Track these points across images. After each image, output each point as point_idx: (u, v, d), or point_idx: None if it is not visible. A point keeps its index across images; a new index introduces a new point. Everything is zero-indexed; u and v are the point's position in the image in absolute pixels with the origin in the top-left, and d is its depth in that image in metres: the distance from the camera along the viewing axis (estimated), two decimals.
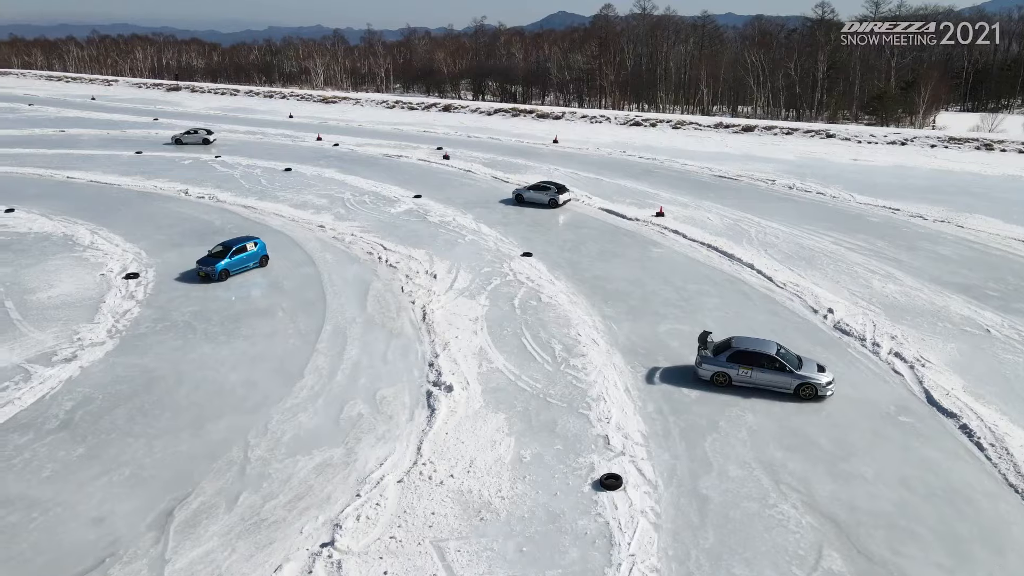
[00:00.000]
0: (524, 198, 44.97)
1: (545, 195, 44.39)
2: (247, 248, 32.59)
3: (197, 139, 68.18)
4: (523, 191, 45.40)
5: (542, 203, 44.27)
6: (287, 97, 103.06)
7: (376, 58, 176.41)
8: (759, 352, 22.08)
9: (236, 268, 31.95)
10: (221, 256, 31.72)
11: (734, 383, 22.11)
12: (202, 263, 31.53)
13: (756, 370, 21.84)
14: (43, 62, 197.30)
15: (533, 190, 45.04)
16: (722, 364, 22.15)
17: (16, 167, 55.01)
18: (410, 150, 64.12)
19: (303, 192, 47.99)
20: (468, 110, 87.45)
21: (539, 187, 45.15)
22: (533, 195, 44.73)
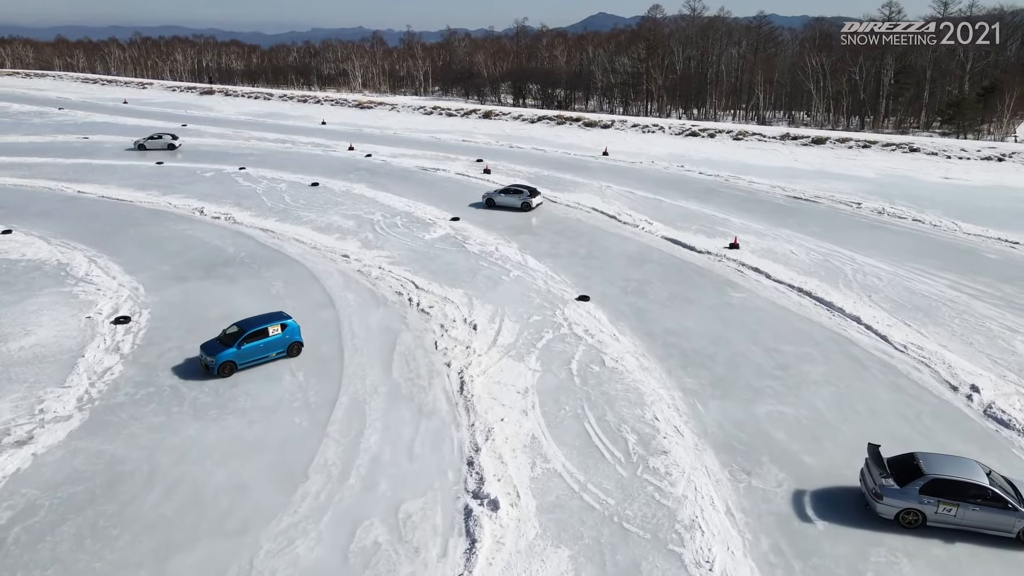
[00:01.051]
0: (495, 202, 44.05)
1: (518, 199, 43.59)
2: (268, 332, 23.86)
3: (162, 144, 64.58)
4: (494, 195, 44.41)
5: (515, 207, 43.44)
6: (321, 102, 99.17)
7: (415, 60, 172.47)
8: (966, 482, 15.93)
9: (248, 359, 23.39)
10: (233, 340, 23.53)
11: (929, 524, 16.12)
12: (206, 349, 23.50)
13: (963, 506, 15.78)
14: (85, 64, 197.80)
15: (504, 193, 44.23)
16: (914, 498, 15.99)
17: (28, 179, 51.42)
18: (448, 162, 59.16)
19: (329, 212, 43.27)
20: (510, 117, 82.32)
21: (511, 190, 44.32)
22: (504, 199, 43.97)
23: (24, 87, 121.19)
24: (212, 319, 27.22)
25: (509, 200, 43.86)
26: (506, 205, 43.84)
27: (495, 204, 44.14)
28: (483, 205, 44.41)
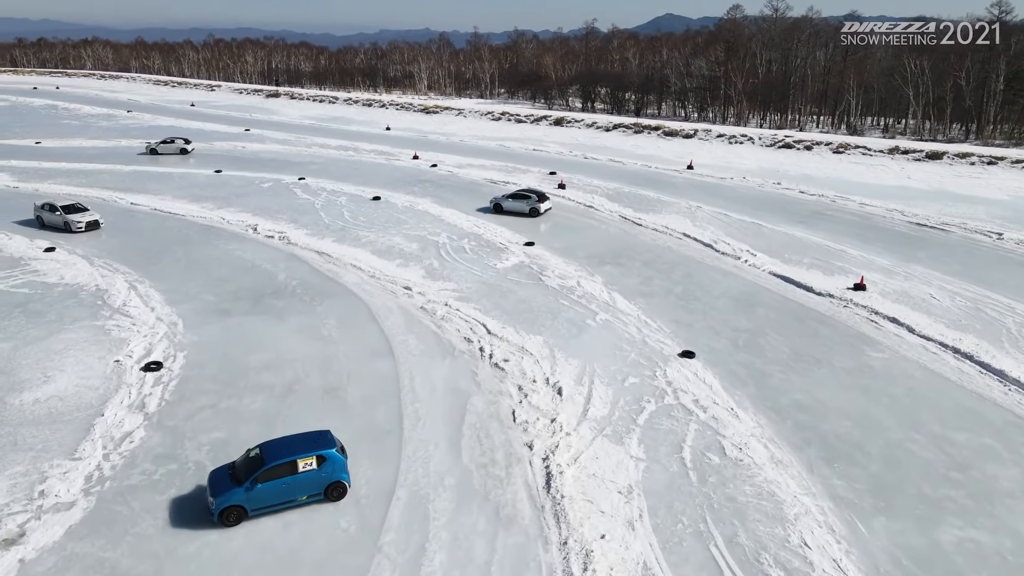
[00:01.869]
0: (503, 208, 42.95)
1: (526, 204, 42.55)
2: (297, 467, 16.46)
3: (174, 149, 62.44)
4: (501, 200, 43.37)
5: (522, 212, 42.36)
6: (386, 106, 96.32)
7: (481, 62, 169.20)
8: None
9: (265, 505, 16.41)
10: (250, 471, 16.45)
11: None
12: (213, 483, 16.65)
13: None
14: (160, 65, 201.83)
15: (512, 199, 43.12)
16: None
17: (85, 187, 49.36)
18: (518, 174, 54.80)
19: (391, 231, 39.43)
20: (582, 125, 77.47)
21: (519, 195, 43.26)
22: (512, 204, 42.82)
23: (98, 88, 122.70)
24: (253, 368, 23.48)
25: (517, 205, 42.71)
26: (514, 211, 42.68)
27: (503, 209, 42.94)
28: (491, 210, 43.57)
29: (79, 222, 38.48)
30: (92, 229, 38.90)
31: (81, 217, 38.83)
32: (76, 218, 38.67)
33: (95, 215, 39.57)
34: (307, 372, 23.44)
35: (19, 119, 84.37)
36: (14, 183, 50.30)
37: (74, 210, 39.42)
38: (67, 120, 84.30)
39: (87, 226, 38.61)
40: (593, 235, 39.18)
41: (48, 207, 39.64)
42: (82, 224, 38.49)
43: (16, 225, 40.30)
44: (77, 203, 40.56)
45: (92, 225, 38.99)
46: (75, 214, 38.96)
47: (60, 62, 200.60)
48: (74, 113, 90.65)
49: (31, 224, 40.31)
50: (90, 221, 38.94)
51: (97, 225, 39.16)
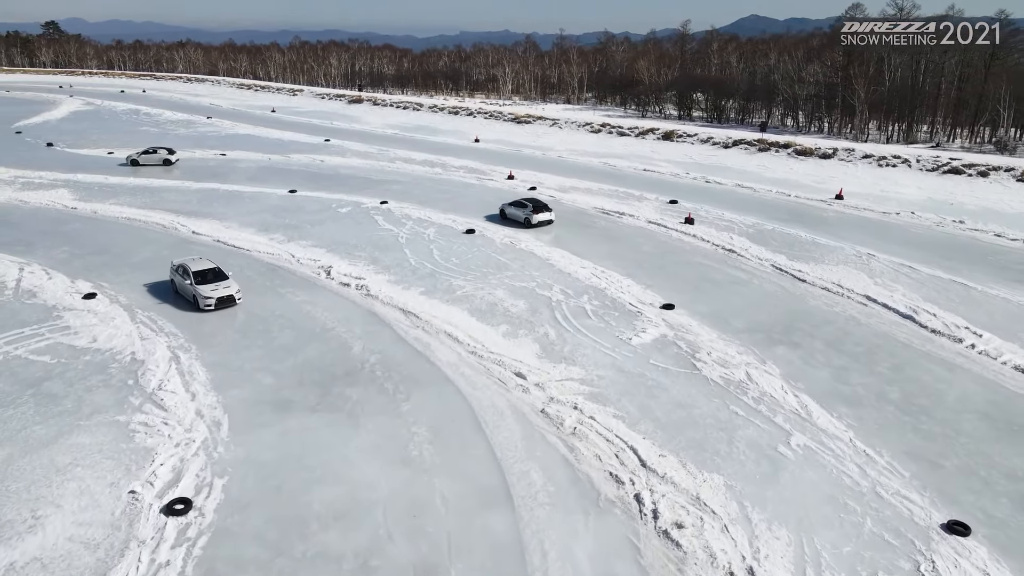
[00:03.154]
0: (507, 214, 42.62)
1: (521, 212, 41.69)
2: None
3: (156, 160, 57.48)
4: (506, 206, 42.98)
5: (518, 220, 41.68)
6: (474, 115, 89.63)
7: (569, 66, 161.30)
8: None
9: None
10: None
11: None
12: None
13: None
14: (247, 67, 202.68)
15: (513, 206, 42.60)
16: None
17: (147, 209, 44.15)
18: (632, 202, 46.70)
19: (490, 280, 32.10)
20: (696, 140, 68.49)
21: (518, 203, 42.60)
22: (512, 211, 42.31)
23: (183, 92, 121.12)
24: (315, 516, 16.45)
25: (515, 213, 42.04)
26: (513, 218, 42.13)
27: (507, 217, 42.59)
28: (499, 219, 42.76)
29: (208, 299, 28.23)
30: (226, 306, 28.53)
31: (212, 291, 28.47)
32: (206, 291, 28.39)
33: (231, 287, 29.07)
34: (390, 531, 16.16)
35: (99, 125, 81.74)
36: (74, 203, 45.60)
37: (207, 278, 29.17)
38: (146, 127, 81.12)
39: (218, 303, 28.36)
40: (745, 294, 30.77)
41: (180, 271, 29.94)
42: (211, 301, 28.23)
43: (60, 256, 35.02)
44: (215, 267, 29.92)
45: (225, 302, 28.51)
46: (206, 285, 28.78)
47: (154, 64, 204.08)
48: (154, 119, 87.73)
49: (77, 255, 34.98)
50: (223, 297, 28.55)
51: (232, 301, 28.71)
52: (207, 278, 29.25)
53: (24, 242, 37.47)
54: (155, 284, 31.57)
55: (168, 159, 58.05)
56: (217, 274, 29.63)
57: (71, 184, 50.78)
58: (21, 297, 29.90)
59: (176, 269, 30.43)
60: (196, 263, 30.15)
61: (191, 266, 29.81)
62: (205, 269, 29.69)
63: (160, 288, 31.07)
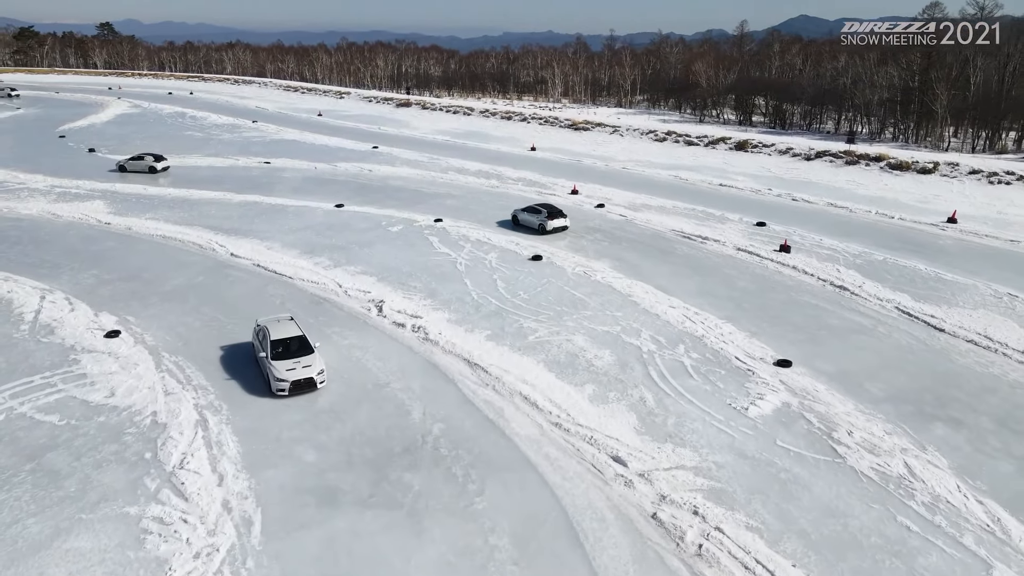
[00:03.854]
0: (519, 220, 41.30)
1: (535, 218, 40.31)
2: None
3: (142, 167, 54.66)
4: (519, 212, 41.60)
5: (532, 226, 40.30)
6: (528, 120, 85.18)
7: (622, 67, 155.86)
8: None
9: None
10: None
11: None
12: None
13: None
14: (295, 69, 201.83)
15: (526, 212, 41.15)
16: None
17: (185, 226, 40.76)
18: (713, 223, 41.73)
19: (566, 321, 27.63)
20: (774, 151, 62.86)
21: (531, 209, 41.02)
22: (526, 217, 40.92)
23: (229, 94, 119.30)
24: None
25: (529, 219, 40.62)
26: (527, 224, 40.72)
27: (519, 222, 41.24)
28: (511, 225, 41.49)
29: (281, 382, 21.78)
30: (306, 390, 22.05)
31: (288, 371, 21.98)
32: (280, 371, 21.97)
33: (313, 365, 22.35)
34: None
35: (144, 129, 79.57)
36: (108, 217, 42.48)
37: (288, 350, 22.84)
38: (190, 131, 78.66)
39: (293, 387, 21.84)
40: (874, 348, 25.70)
41: (260, 335, 24.01)
42: (285, 385, 21.76)
43: (86, 281, 31.64)
44: (300, 335, 23.56)
45: (304, 385, 21.97)
46: (284, 361, 22.38)
47: (203, 65, 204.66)
48: (199, 123, 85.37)
49: (105, 280, 31.58)
50: (300, 380, 21.92)
51: (312, 386, 22.08)
52: (288, 350, 22.79)
53: (50, 264, 34.27)
54: (186, 319, 27.86)
55: (153, 166, 55.33)
56: (301, 345, 23.10)
57: (108, 195, 47.85)
58: (37, 334, 26.44)
59: (257, 333, 24.32)
60: (278, 327, 23.84)
61: (271, 331, 23.48)
62: (287, 338, 23.21)
63: (191, 325, 27.35)
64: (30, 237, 38.50)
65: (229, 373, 23.58)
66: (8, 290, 30.60)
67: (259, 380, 23.00)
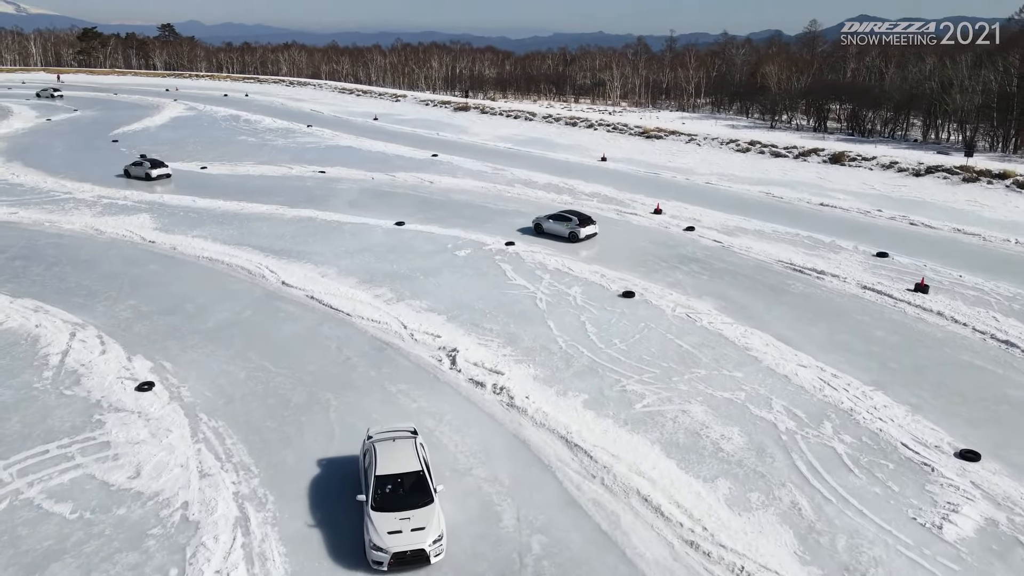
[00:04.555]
0: (543, 228, 39.16)
1: (565, 226, 38.24)
2: None
3: (140, 173, 52.49)
4: (543, 220, 39.41)
5: (561, 235, 38.22)
6: (594, 126, 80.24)
7: (685, 70, 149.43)
8: None
9: None
10: None
11: None
12: None
13: None
14: (349, 70, 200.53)
15: (553, 220, 38.98)
16: None
17: (233, 246, 37.20)
18: (825, 252, 36.34)
19: (676, 383, 22.85)
20: (875, 165, 56.68)
21: (559, 216, 38.97)
22: (552, 226, 38.79)
23: (284, 97, 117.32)
24: None
25: (557, 228, 38.82)
26: (554, 233, 38.86)
27: (543, 231, 39.35)
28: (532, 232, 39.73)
29: (380, 554, 14.89)
30: (414, 565, 15.04)
31: (392, 534, 15.14)
32: (380, 535, 15.10)
33: (428, 529, 15.32)
34: None
35: (198, 133, 77.30)
36: (153, 234, 39.23)
37: (395, 496, 16.08)
38: (244, 135, 76.05)
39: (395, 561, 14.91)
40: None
41: (367, 455, 17.29)
42: (384, 558, 14.94)
43: (123, 314, 28.12)
44: (417, 471, 16.54)
45: (411, 559, 15.01)
46: (388, 514, 15.52)
47: (260, 66, 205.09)
48: (253, 126, 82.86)
49: (143, 313, 28.00)
50: (408, 552, 14.96)
51: (423, 559, 15.06)
52: (396, 495, 15.98)
53: (86, 291, 30.93)
54: (229, 367, 23.99)
55: (149, 173, 52.54)
56: (416, 488, 16.12)
57: (155, 208, 44.80)
58: (61, 383, 22.85)
59: (364, 454, 17.53)
60: (389, 451, 16.88)
61: (379, 456, 16.60)
62: (397, 474, 16.27)
63: (235, 376, 23.45)
64: (69, 257, 35.38)
65: (277, 445, 19.51)
66: (37, 324, 27.26)
67: (320, 449, 18.89)
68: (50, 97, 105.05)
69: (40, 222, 41.38)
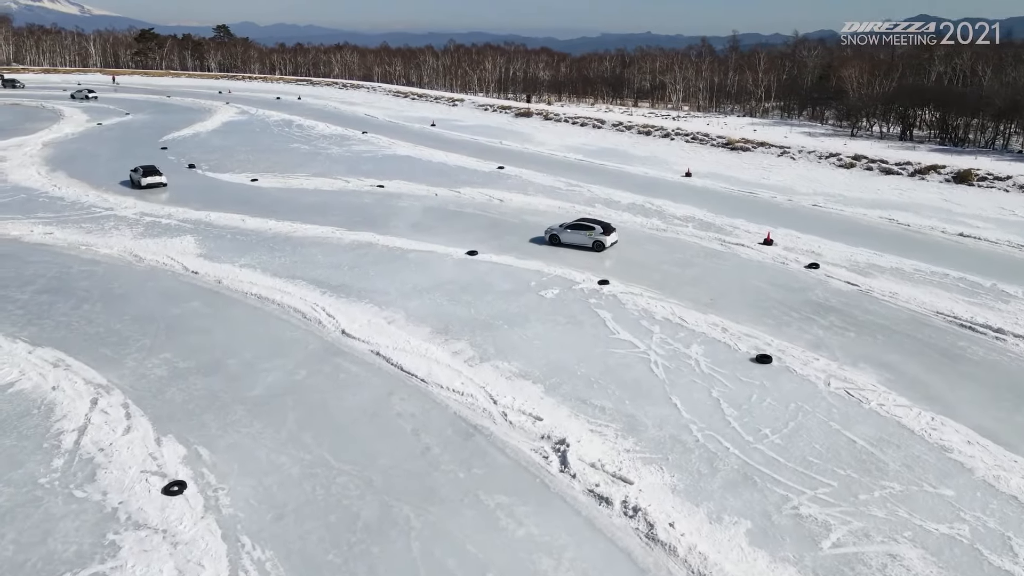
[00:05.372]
0: (561, 239, 37.29)
1: (588, 236, 36.77)
2: None
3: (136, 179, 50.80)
4: (559, 231, 37.53)
5: (583, 246, 36.67)
6: (671, 136, 73.98)
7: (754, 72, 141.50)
8: None
9: None
10: None
11: None
12: None
13: None
14: (401, 72, 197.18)
15: (572, 229, 37.23)
16: None
17: (285, 279, 32.49)
18: (990, 302, 29.86)
19: (866, 507, 17.01)
20: (1012, 185, 49.55)
21: (579, 226, 37.26)
22: (573, 236, 37.07)
23: (338, 100, 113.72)
24: None
25: (578, 238, 36.87)
26: (574, 244, 36.89)
27: (560, 241, 37.36)
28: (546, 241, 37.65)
29: None
30: None
31: None
32: None
33: None
34: None
35: (250, 140, 73.62)
36: (197, 262, 34.77)
37: None
38: (297, 143, 72.06)
39: None
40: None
41: None
42: None
43: (155, 372, 23.44)
44: None
45: None
46: None
47: (312, 67, 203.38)
48: (306, 133, 78.93)
49: (178, 372, 23.27)
50: None
51: None
52: None
53: (117, 337, 26.45)
54: (279, 458, 18.99)
55: (139, 181, 50.06)
56: None
57: (201, 229, 40.52)
58: (73, 478, 18.16)
59: None
60: None
61: None
62: None
63: (288, 472, 18.43)
64: (102, 291, 31.06)
65: None
66: (54, 385, 22.75)
67: None
68: (84, 98, 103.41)
69: (76, 245, 37.37)
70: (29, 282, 31.94)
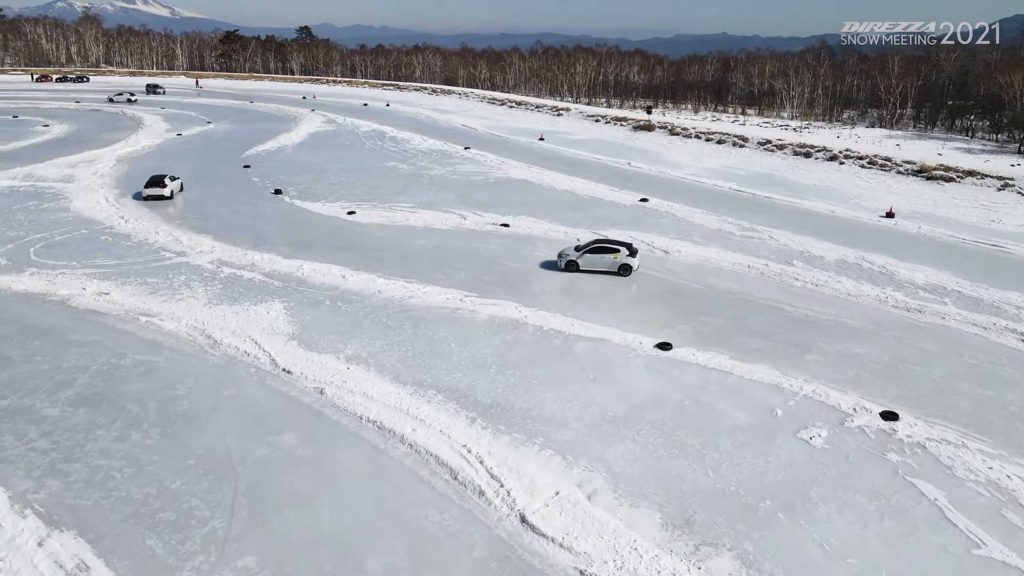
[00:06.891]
0: (580, 266, 33.18)
1: (612, 259, 32.88)
2: None
3: None
4: (575, 255, 33.43)
5: (606, 270, 32.85)
6: (839, 159, 61.51)
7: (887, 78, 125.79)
8: None
9: None
10: None
11: None
12: None
13: None
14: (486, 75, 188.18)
15: (591, 252, 33.26)
16: None
17: (411, 395, 22.64)
18: None
19: None
20: None
21: (599, 248, 33.47)
22: (593, 259, 33.12)
23: (428, 107, 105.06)
24: None
25: (600, 261, 33.00)
26: (595, 268, 32.99)
27: (578, 267, 33.14)
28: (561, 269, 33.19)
29: None
30: None
31: None
32: None
33: None
34: None
35: (340, 156, 65.19)
36: (287, 351, 25.35)
37: None
38: (393, 160, 63.12)
39: None
40: None
41: None
42: None
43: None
44: None
45: None
46: None
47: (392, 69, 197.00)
48: (402, 147, 70.02)
49: None
50: None
51: None
52: None
53: (174, 510, 17.04)
54: None
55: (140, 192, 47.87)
56: None
57: (291, 289, 31.36)
58: None
59: None
60: None
61: None
62: None
63: None
64: (160, 405, 21.84)
65: None
66: None
67: None
68: (127, 102, 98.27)
69: (134, 314, 28.62)
70: (65, 383, 23.06)
